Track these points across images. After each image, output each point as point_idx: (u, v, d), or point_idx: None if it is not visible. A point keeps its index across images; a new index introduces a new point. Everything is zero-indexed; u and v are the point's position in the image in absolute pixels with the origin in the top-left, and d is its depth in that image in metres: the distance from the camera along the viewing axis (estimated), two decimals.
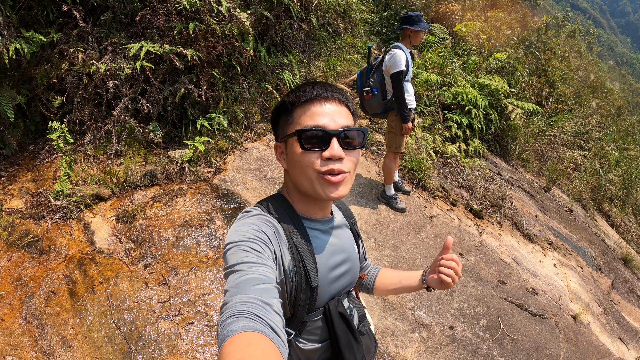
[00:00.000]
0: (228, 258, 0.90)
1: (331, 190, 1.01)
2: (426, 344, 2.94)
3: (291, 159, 1.05)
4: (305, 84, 1.07)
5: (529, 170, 7.73)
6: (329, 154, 0.99)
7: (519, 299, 3.64)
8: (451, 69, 7.05)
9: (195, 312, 2.72)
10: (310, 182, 1.02)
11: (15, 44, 3.53)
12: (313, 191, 1.03)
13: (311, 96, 1.03)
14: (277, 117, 1.12)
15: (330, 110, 1.03)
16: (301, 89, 1.06)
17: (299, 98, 1.04)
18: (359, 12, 8.02)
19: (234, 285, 0.81)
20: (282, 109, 1.09)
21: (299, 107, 1.04)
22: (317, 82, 1.07)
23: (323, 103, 1.03)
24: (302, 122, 1.02)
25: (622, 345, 3.85)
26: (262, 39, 5.23)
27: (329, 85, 1.07)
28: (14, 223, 3.17)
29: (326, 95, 1.04)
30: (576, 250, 5.22)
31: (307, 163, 1.01)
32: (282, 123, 1.10)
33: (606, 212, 8.28)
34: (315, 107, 1.03)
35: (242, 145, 4.63)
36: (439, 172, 5.47)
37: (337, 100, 1.05)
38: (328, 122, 1.01)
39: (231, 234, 0.96)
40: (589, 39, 19.85)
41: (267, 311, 0.75)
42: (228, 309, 0.74)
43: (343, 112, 1.05)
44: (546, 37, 10.20)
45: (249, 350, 0.65)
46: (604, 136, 10.12)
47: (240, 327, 0.69)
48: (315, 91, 1.03)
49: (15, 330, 2.48)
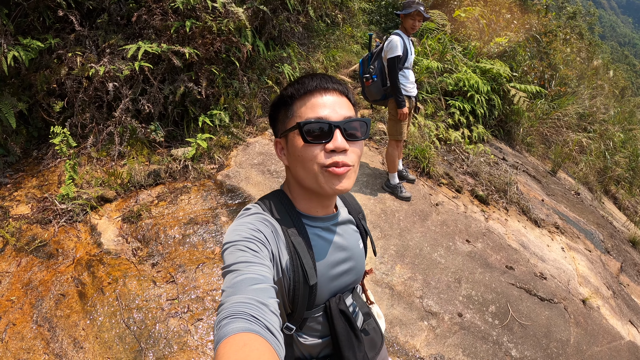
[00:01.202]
0: (225, 258, 0.89)
1: (335, 183, 0.98)
2: (435, 332, 2.94)
3: (292, 154, 1.02)
4: (304, 76, 1.04)
5: (534, 155, 7.67)
6: (332, 145, 0.96)
7: (527, 284, 3.62)
8: (452, 55, 6.98)
9: (204, 309, 2.74)
10: (314, 176, 0.99)
11: (13, 52, 3.54)
12: (317, 185, 1.00)
13: (311, 88, 1.01)
14: (276, 112, 1.09)
15: (331, 101, 1.00)
16: (300, 81, 1.03)
17: (298, 90, 1.02)
18: (357, 1, 7.97)
19: (230, 285, 0.80)
20: (280, 103, 1.07)
21: (299, 100, 1.02)
22: (316, 74, 1.04)
23: (323, 94, 1.01)
24: (303, 115, 1.00)
25: (632, 328, 3.83)
26: (259, 34, 5.20)
27: (328, 76, 1.05)
28: (21, 229, 3.19)
29: (326, 86, 1.02)
30: (584, 234, 5.19)
31: (309, 157, 0.98)
32: (281, 117, 1.07)
33: (613, 195, 8.21)
34: (316, 99, 1.00)
35: (245, 140, 4.63)
36: (443, 159, 5.44)
37: (338, 91, 1.03)
38: (329, 113, 0.99)
39: (229, 234, 0.95)
40: (590, 20, 19.59)
41: (264, 312, 0.75)
42: (224, 310, 0.74)
43: (344, 103, 1.03)
44: (546, 20, 10.06)
45: (244, 352, 0.64)
46: (609, 118, 10.00)
47: (236, 328, 0.69)
48: (314, 82, 1.01)
49: (27, 334, 2.51)
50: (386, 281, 3.25)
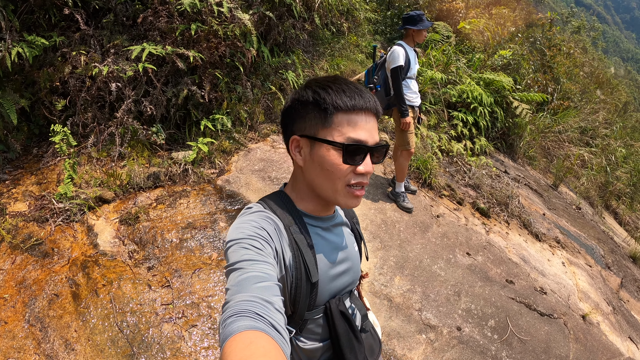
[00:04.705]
0: (229, 256, 0.89)
1: (353, 202, 1.03)
2: (433, 346, 2.90)
3: (318, 163, 1.01)
4: (345, 84, 1.02)
5: (535, 168, 7.65)
6: (364, 169, 1.00)
7: (527, 298, 3.58)
8: (456, 66, 6.99)
9: (199, 315, 2.70)
10: (335, 191, 1.02)
11: (17, 48, 3.53)
12: (334, 199, 1.04)
13: (358, 105, 0.99)
14: (304, 110, 1.03)
15: (370, 125, 1.02)
16: (345, 91, 0.99)
17: (345, 103, 0.98)
18: (363, 11, 7.98)
19: (234, 284, 0.80)
20: (315, 104, 1.01)
21: (343, 113, 0.99)
22: (356, 86, 1.02)
23: (365, 115, 1.01)
24: (344, 132, 0.98)
25: (632, 345, 3.78)
26: (264, 39, 5.20)
27: (367, 92, 1.03)
28: (17, 226, 3.16)
29: (368, 107, 1.01)
30: (585, 249, 5.15)
31: (339, 174, 1.00)
32: (310, 118, 1.02)
33: (614, 210, 8.18)
34: (360, 119, 1.00)
35: (246, 146, 4.61)
36: (445, 171, 5.42)
37: (373, 114, 1.03)
38: (368, 137, 1.00)
39: (232, 232, 0.95)
40: (594, 34, 19.69)
41: (268, 309, 0.75)
42: (229, 308, 0.74)
43: (376, 126, 1.05)
44: (551, 34, 10.10)
45: (250, 350, 0.64)
46: (611, 132, 10.00)
47: (242, 326, 0.69)
48: (361, 101, 0.99)
49: (18, 333, 2.47)
50: (385, 292, 3.21)
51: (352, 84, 1.03)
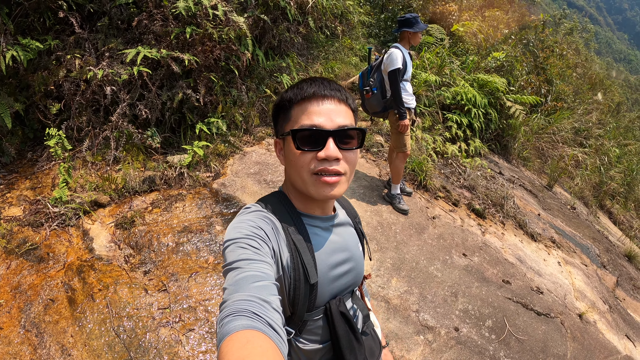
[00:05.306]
0: (226, 256, 0.89)
1: (326, 190, 0.99)
2: (431, 347, 2.90)
3: (287, 157, 1.04)
4: (304, 80, 1.04)
5: (530, 169, 7.69)
6: (324, 154, 0.97)
7: (524, 298, 3.59)
8: (450, 69, 7.03)
9: (196, 319, 2.68)
10: (304, 182, 1.01)
11: (12, 51, 3.52)
12: (306, 190, 1.02)
13: (308, 94, 1.00)
14: (277, 113, 1.10)
15: (327, 109, 1.00)
16: (299, 85, 1.03)
17: (296, 95, 1.02)
18: (356, 14, 8.02)
19: (232, 283, 0.80)
20: (280, 105, 1.07)
21: (297, 105, 1.02)
22: (315, 79, 1.04)
23: (321, 101, 1.00)
24: (299, 121, 1.00)
25: (629, 343, 3.80)
26: (259, 43, 5.21)
27: (327, 81, 1.04)
28: (12, 231, 3.14)
29: (324, 93, 1.01)
30: (580, 248, 5.18)
31: (301, 163, 0.99)
32: (280, 120, 1.08)
33: (608, 209, 8.24)
34: (313, 106, 1.00)
35: (241, 149, 4.60)
36: (440, 172, 5.44)
37: (336, 99, 1.02)
38: (324, 121, 0.99)
39: (229, 232, 0.95)
40: (587, 36, 19.86)
41: (266, 309, 0.75)
42: (226, 308, 0.74)
43: (342, 110, 1.02)
44: (544, 35, 10.18)
45: (246, 349, 0.64)
46: (604, 133, 10.09)
47: (239, 326, 0.69)
48: (312, 89, 1.01)
49: (14, 339, 2.45)
50: (382, 294, 3.22)
51: (321, 79, 1.04)
